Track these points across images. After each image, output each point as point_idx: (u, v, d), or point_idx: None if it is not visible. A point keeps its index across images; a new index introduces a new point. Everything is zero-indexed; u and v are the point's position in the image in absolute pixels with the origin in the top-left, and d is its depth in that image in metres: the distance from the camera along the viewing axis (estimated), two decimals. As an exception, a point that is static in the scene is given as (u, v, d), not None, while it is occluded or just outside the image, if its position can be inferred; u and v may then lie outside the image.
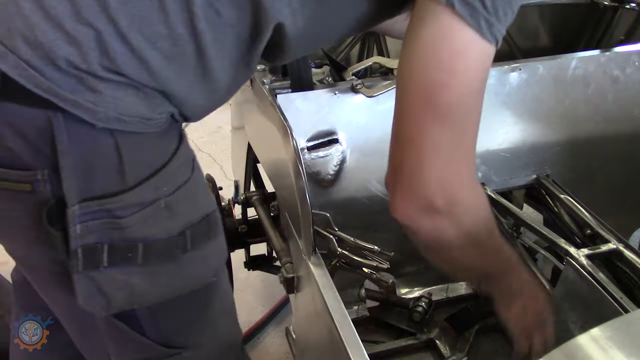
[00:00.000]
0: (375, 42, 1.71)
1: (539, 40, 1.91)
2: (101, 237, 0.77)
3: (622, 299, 1.05)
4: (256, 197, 1.56)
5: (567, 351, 0.66)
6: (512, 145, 1.43)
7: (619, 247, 1.18)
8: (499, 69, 1.37)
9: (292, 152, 1.08)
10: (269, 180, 1.43)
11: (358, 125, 1.30)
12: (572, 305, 1.15)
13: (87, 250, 0.76)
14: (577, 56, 1.44)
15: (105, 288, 0.79)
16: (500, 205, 1.37)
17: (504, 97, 1.40)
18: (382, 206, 1.37)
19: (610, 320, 0.68)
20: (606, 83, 1.45)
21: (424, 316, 1.44)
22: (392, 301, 1.49)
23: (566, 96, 1.44)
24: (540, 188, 1.45)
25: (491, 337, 1.44)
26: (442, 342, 1.40)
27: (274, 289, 2.07)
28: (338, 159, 1.30)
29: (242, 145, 1.65)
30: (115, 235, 0.77)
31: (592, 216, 1.29)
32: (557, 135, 1.47)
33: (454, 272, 0.94)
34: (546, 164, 1.47)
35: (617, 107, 1.48)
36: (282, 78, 1.29)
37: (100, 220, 0.76)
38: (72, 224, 0.74)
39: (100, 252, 0.77)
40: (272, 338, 1.99)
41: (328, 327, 0.97)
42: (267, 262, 1.71)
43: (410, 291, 1.53)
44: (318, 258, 1.09)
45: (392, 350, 1.40)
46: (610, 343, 0.65)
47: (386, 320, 1.47)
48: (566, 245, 1.19)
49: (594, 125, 1.48)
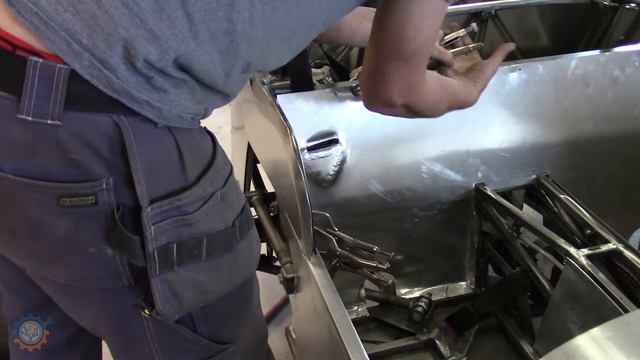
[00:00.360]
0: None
1: (539, 40, 1.91)
2: (171, 237, 0.77)
3: (622, 299, 1.05)
4: (256, 197, 1.56)
5: (567, 351, 0.66)
6: (512, 145, 1.43)
7: (619, 247, 1.18)
8: (499, 69, 1.36)
9: (292, 152, 1.08)
10: (268, 180, 1.43)
11: (358, 125, 1.30)
12: (572, 305, 1.15)
13: (162, 252, 0.76)
14: (577, 56, 1.44)
15: (178, 289, 0.80)
16: (500, 205, 1.37)
17: (504, 97, 1.40)
18: (382, 206, 1.37)
19: (610, 320, 0.68)
20: (606, 83, 1.45)
21: (423, 316, 1.44)
22: (392, 301, 1.49)
23: (566, 96, 1.44)
24: (540, 188, 1.45)
25: (491, 337, 1.44)
26: (442, 342, 1.40)
27: (274, 289, 2.07)
28: (338, 159, 1.30)
29: (242, 145, 1.65)
30: (183, 233, 0.78)
31: (592, 216, 1.29)
32: (557, 135, 1.47)
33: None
34: (546, 164, 1.47)
35: (617, 107, 1.48)
36: (282, 78, 1.29)
37: (171, 219, 0.76)
38: (147, 227, 0.74)
39: (171, 252, 0.77)
40: (272, 338, 1.99)
41: (328, 327, 0.97)
42: (267, 262, 1.71)
43: (410, 291, 1.53)
44: (318, 258, 1.09)
45: (392, 350, 1.40)
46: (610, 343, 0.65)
47: (386, 320, 1.47)
48: (566, 245, 1.19)
49: (594, 125, 1.48)
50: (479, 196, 1.42)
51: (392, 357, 1.40)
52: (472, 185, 1.43)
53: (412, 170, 1.37)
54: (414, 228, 1.45)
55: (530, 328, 1.36)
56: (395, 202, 1.38)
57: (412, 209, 1.42)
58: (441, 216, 1.45)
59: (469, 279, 1.55)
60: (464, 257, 1.53)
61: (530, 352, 1.33)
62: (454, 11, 1.73)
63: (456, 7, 1.70)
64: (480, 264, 1.52)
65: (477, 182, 1.43)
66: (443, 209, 1.44)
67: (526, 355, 1.34)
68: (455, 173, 1.41)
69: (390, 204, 1.38)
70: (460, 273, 1.55)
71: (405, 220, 1.43)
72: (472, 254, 1.52)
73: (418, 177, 1.38)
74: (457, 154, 1.40)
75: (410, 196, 1.39)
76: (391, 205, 1.38)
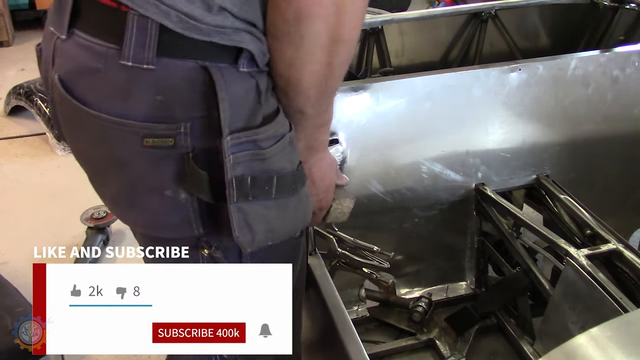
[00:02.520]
0: (375, 42, 1.71)
1: (539, 40, 1.91)
2: (246, 169, 0.82)
3: (622, 299, 1.05)
4: (256, 197, 1.56)
5: (567, 351, 0.66)
6: (512, 145, 1.44)
7: (619, 247, 1.18)
8: (499, 69, 1.37)
9: (292, 152, 1.08)
10: (269, 180, 1.43)
11: (358, 125, 1.30)
12: (572, 305, 1.15)
13: (238, 181, 0.81)
14: (577, 56, 1.44)
15: (251, 221, 0.84)
16: (500, 205, 1.37)
17: (504, 97, 1.40)
18: (382, 206, 1.37)
19: (610, 320, 0.68)
20: (606, 83, 1.45)
21: (424, 316, 1.44)
22: (392, 301, 1.49)
23: (566, 96, 1.44)
24: (540, 188, 1.45)
25: (491, 337, 1.44)
26: (442, 342, 1.40)
27: (274, 289, 2.07)
28: (338, 159, 1.30)
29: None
30: (257, 167, 0.82)
31: (592, 216, 1.29)
32: (557, 135, 1.47)
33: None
34: (546, 164, 1.47)
35: (617, 107, 1.48)
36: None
37: (247, 152, 0.81)
38: (226, 155, 0.79)
39: (246, 183, 0.82)
40: (272, 338, 1.99)
41: (328, 327, 0.98)
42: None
43: (410, 291, 1.53)
44: (318, 258, 1.09)
45: (392, 350, 1.40)
46: (610, 343, 0.65)
47: (386, 320, 1.47)
48: (566, 245, 1.19)
49: (594, 125, 1.48)
50: (479, 196, 1.43)
51: (392, 357, 1.40)
52: (472, 185, 1.43)
53: (412, 171, 1.37)
54: (414, 228, 1.45)
55: (530, 328, 1.36)
56: (395, 202, 1.38)
57: (412, 209, 1.42)
58: (441, 216, 1.45)
59: (469, 279, 1.55)
60: (464, 257, 1.54)
61: (530, 352, 1.33)
62: (454, 11, 1.73)
63: (456, 7, 1.70)
64: (480, 264, 1.52)
65: (477, 182, 1.43)
66: (443, 209, 1.44)
67: (526, 355, 1.34)
68: (455, 173, 1.41)
69: (390, 204, 1.38)
70: (460, 273, 1.55)
71: (405, 220, 1.43)
72: (472, 254, 1.52)
73: (418, 177, 1.38)
74: (457, 154, 1.40)
75: (410, 196, 1.39)
76: (391, 205, 1.38)
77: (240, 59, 0.80)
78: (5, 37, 4.15)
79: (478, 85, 1.37)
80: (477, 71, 1.37)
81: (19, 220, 2.39)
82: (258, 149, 0.82)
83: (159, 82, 0.78)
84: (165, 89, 0.78)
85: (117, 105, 0.79)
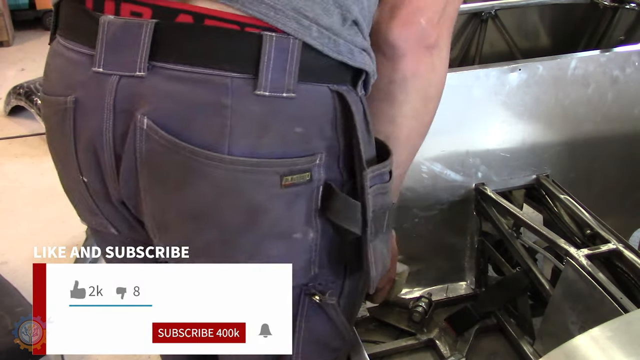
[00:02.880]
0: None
1: (539, 40, 1.91)
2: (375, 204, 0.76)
3: (622, 299, 1.05)
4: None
5: (567, 351, 0.66)
6: (512, 145, 1.44)
7: (619, 247, 1.18)
8: (499, 69, 1.37)
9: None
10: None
11: (358, 125, 1.30)
12: (572, 305, 1.15)
13: (375, 217, 0.76)
14: (577, 56, 1.44)
15: (376, 257, 0.79)
16: (500, 205, 1.37)
17: (504, 97, 1.40)
18: (382, 206, 1.37)
19: (610, 320, 0.68)
20: (606, 83, 1.45)
21: (424, 316, 1.44)
22: (392, 301, 1.49)
23: (566, 96, 1.44)
24: (540, 188, 1.45)
25: (491, 337, 1.44)
26: (442, 342, 1.40)
27: (274, 289, 2.07)
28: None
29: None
30: (378, 201, 0.77)
31: (592, 216, 1.29)
32: (557, 135, 1.47)
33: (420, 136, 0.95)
34: (546, 164, 1.47)
35: (617, 107, 1.48)
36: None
37: (376, 185, 0.76)
38: (367, 189, 0.74)
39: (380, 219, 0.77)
40: (272, 338, 1.99)
41: (328, 327, 0.97)
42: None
43: (410, 291, 1.53)
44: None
45: (392, 350, 1.40)
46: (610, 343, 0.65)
47: (386, 320, 1.47)
48: (566, 245, 1.19)
49: (594, 125, 1.48)
50: (479, 196, 1.42)
51: (392, 357, 1.40)
52: (472, 185, 1.43)
53: (412, 171, 1.37)
54: (414, 228, 1.45)
55: (530, 328, 1.36)
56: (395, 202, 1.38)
57: (412, 209, 1.42)
58: (441, 216, 1.45)
59: (469, 279, 1.55)
60: (464, 257, 1.54)
61: (530, 352, 1.33)
62: (454, 11, 1.72)
63: (456, 7, 1.70)
64: (480, 264, 1.52)
65: (477, 182, 1.43)
66: (443, 209, 1.44)
67: (526, 355, 1.34)
68: (455, 173, 1.41)
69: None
70: (460, 273, 1.55)
71: (405, 220, 1.43)
72: (472, 254, 1.52)
73: (418, 177, 1.38)
74: (457, 154, 1.40)
75: (410, 196, 1.39)
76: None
77: (360, 82, 0.74)
78: (5, 37, 4.16)
79: (478, 85, 1.37)
80: (477, 71, 1.37)
81: (19, 220, 2.40)
82: (382, 182, 0.77)
83: (299, 112, 0.69)
84: (305, 119, 0.70)
85: (251, 144, 0.68)
